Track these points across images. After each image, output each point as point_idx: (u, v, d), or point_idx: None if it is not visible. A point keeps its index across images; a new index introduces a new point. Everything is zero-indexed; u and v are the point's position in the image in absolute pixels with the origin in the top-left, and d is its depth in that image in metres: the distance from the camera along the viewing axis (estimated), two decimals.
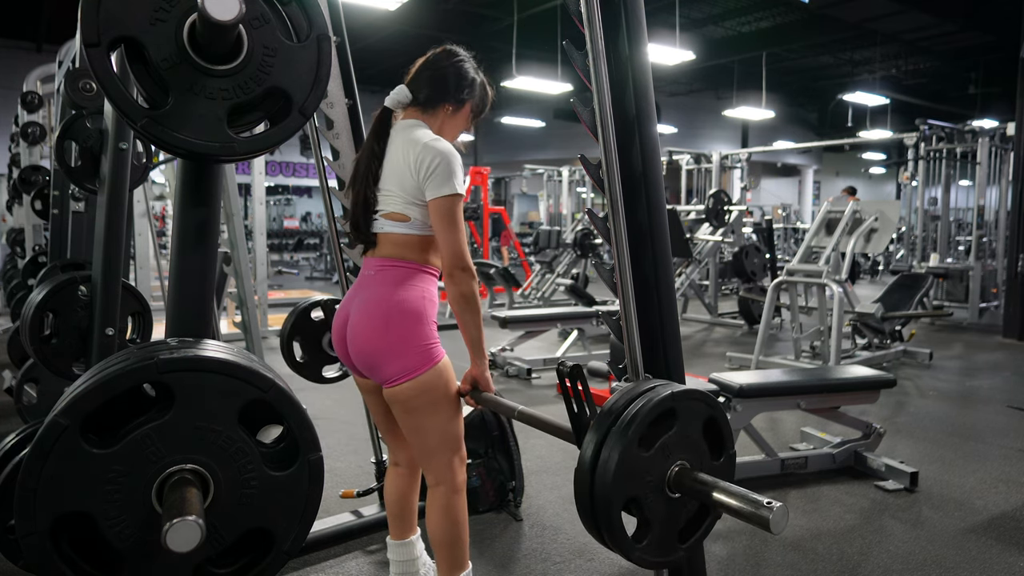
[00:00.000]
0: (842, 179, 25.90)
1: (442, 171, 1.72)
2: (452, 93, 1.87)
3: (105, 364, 1.13)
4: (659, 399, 1.36)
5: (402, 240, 1.81)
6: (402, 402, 1.77)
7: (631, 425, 1.32)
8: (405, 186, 1.77)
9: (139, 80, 1.16)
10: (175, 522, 0.96)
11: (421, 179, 1.74)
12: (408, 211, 1.79)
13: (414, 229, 1.80)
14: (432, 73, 1.86)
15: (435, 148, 1.74)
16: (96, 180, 2.30)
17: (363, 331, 1.77)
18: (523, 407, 1.68)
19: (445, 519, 1.84)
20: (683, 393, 1.39)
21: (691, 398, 1.40)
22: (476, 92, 1.92)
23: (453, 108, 1.88)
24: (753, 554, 2.56)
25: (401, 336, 1.74)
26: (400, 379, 1.74)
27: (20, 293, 4.26)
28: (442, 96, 1.86)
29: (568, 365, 1.47)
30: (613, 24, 1.61)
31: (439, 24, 13.96)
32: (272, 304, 7.56)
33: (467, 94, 1.89)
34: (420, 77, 1.87)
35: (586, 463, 1.35)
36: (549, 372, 5.47)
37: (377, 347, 1.75)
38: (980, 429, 4.11)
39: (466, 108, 1.91)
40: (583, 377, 1.46)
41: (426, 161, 1.73)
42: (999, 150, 8.49)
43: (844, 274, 5.35)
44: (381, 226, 1.83)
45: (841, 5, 13.03)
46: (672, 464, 1.37)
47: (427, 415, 1.78)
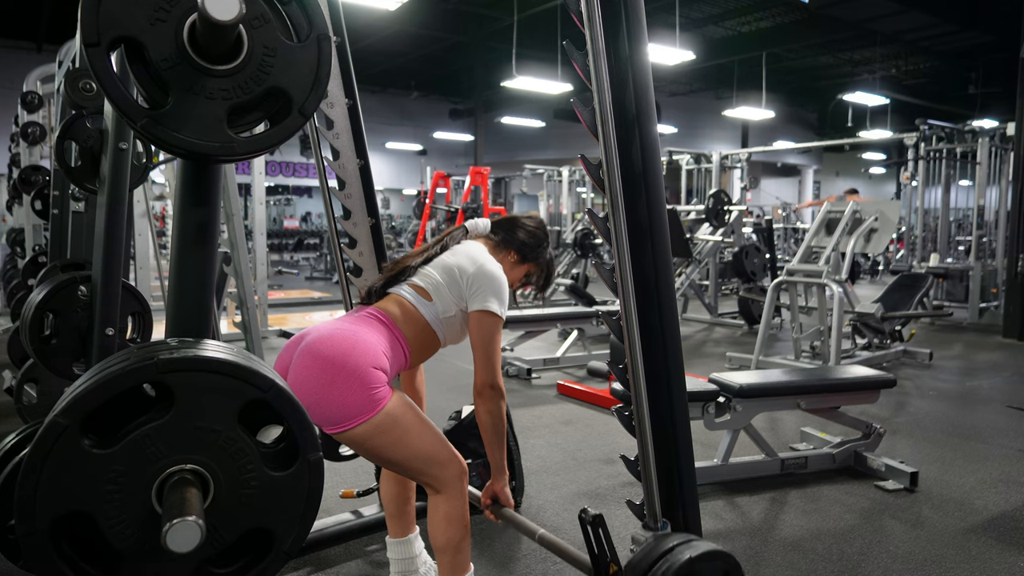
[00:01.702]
0: (842, 179, 25.92)
1: (492, 290, 1.85)
2: (520, 246, 2.07)
3: (105, 364, 1.13)
4: (680, 564, 1.43)
5: (407, 310, 1.84)
6: (360, 444, 1.70)
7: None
8: (450, 280, 1.87)
9: (139, 80, 1.16)
10: (175, 522, 0.96)
11: (470, 290, 1.85)
12: (435, 294, 1.85)
13: (426, 312, 1.84)
14: (513, 225, 2.10)
15: (492, 268, 1.90)
16: (96, 180, 2.30)
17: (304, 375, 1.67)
18: (543, 531, 1.78)
19: (447, 524, 1.83)
20: (702, 556, 1.46)
21: (709, 558, 1.48)
22: (539, 261, 2.11)
23: (517, 258, 2.08)
24: (753, 554, 2.56)
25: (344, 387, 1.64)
26: (347, 424, 1.64)
27: (20, 293, 4.25)
28: (512, 243, 2.07)
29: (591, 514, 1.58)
30: (613, 24, 1.61)
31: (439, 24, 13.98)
32: (272, 304, 7.57)
33: (531, 256, 2.09)
34: (503, 223, 2.11)
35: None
36: (549, 372, 5.47)
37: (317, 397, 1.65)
38: (980, 429, 4.11)
39: (527, 266, 2.10)
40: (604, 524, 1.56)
41: (481, 276, 1.86)
42: (999, 150, 8.49)
43: (844, 274, 5.36)
44: (399, 289, 1.88)
45: (841, 5, 13.04)
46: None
47: (394, 450, 1.72)
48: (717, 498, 3.08)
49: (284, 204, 22.22)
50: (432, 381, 1.93)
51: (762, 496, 3.09)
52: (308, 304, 9.61)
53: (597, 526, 1.54)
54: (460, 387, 4.72)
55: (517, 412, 4.30)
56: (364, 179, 2.56)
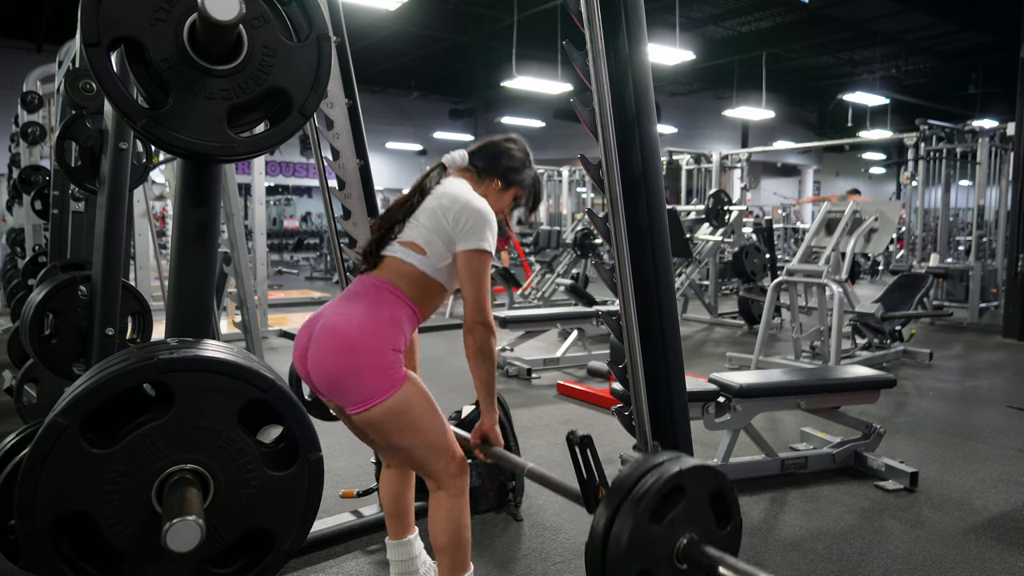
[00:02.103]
0: (842, 179, 25.92)
1: (477, 225, 1.80)
2: (502, 171, 1.99)
3: (105, 364, 1.13)
4: (669, 476, 1.40)
5: (405, 270, 1.82)
6: (375, 426, 1.73)
7: (642, 501, 1.36)
8: (437, 227, 1.83)
9: (139, 80, 1.16)
10: (175, 522, 0.96)
11: (456, 230, 1.80)
12: (427, 246, 1.82)
13: (423, 265, 1.82)
14: (491, 150, 2.01)
15: (475, 203, 1.84)
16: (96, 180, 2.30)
17: (325, 349, 1.72)
18: (533, 465, 1.73)
19: (447, 523, 1.84)
20: (691, 469, 1.43)
21: (699, 473, 1.44)
22: (525, 182, 2.04)
23: (501, 185, 2.00)
24: (753, 554, 2.56)
25: (365, 357, 1.69)
26: (366, 404, 1.68)
27: (20, 293, 4.25)
28: (493, 169, 1.99)
29: (579, 435, 1.53)
30: (613, 24, 1.61)
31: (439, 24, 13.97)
32: (272, 304, 7.57)
33: (515, 177, 2.02)
34: (480, 150, 2.02)
35: (598, 536, 1.38)
36: (549, 372, 5.47)
37: (338, 368, 1.70)
38: (980, 429, 4.11)
39: (512, 191, 2.03)
40: (592, 446, 1.51)
41: (464, 213, 1.81)
42: (999, 150, 8.49)
43: (844, 274, 5.36)
44: (393, 250, 1.85)
45: (841, 5, 13.03)
46: (681, 537, 1.41)
47: (405, 435, 1.75)
48: None
49: (284, 204, 22.22)
50: (432, 381, 1.93)
51: (762, 496, 3.09)
52: (308, 304, 9.60)
53: (585, 447, 1.48)
54: (460, 387, 4.72)
55: (517, 412, 4.30)
56: (364, 179, 2.56)
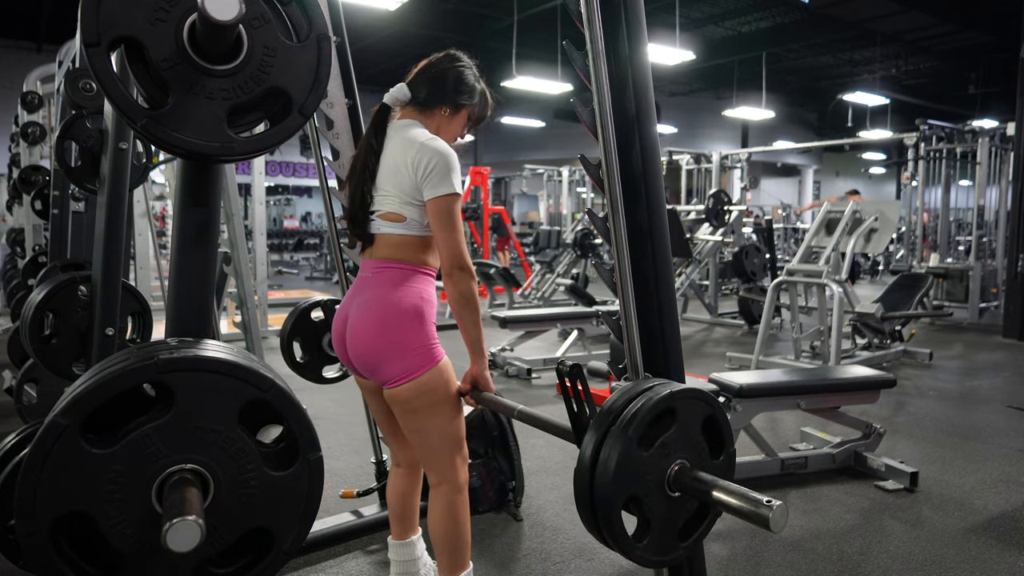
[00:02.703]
0: (842, 179, 25.92)
1: (440, 170, 1.72)
2: (450, 96, 1.87)
3: (105, 364, 1.13)
4: (659, 398, 1.36)
5: (398, 241, 1.81)
6: (403, 402, 1.77)
7: (631, 424, 1.32)
8: (402, 186, 1.76)
9: (139, 80, 1.16)
10: (175, 522, 0.96)
11: (419, 179, 1.73)
12: (404, 211, 1.78)
13: (410, 230, 1.80)
14: (432, 74, 1.87)
15: (432, 147, 1.74)
16: (96, 180, 2.30)
17: (362, 333, 1.78)
18: (522, 407, 1.68)
19: (447, 519, 1.85)
20: (682, 392, 1.39)
21: (690, 397, 1.40)
22: (475, 98, 1.92)
23: (451, 111, 1.89)
24: (753, 554, 2.56)
25: (400, 337, 1.75)
26: (400, 380, 1.74)
27: (20, 293, 4.25)
28: (440, 97, 1.86)
29: (568, 364, 1.48)
30: (613, 24, 1.61)
31: (439, 24, 13.96)
32: (272, 304, 7.56)
33: (465, 99, 1.89)
34: (420, 78, 1.88)
35: (586, 462, 1.35)
36: (549, 372, 5.47)
37: (376, 348, 1.76)
38: (980, 429, 4.11)
39: (463, 113, 1.91)
40: (583, 376, 1.46)
41: (423, 160, 1.72)
42: (999, 150, 8.49)
43: (844, 274, 5.36)
44: (378, 227, 1.83)
45: (841, 5, 13.04)
46: (672, 463, 1.37)
47: (428, 415, 1.79)
48: None
49: (284, 204, 22.23)
50: None
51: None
52: None
53: (575, 377, 1.43)
54: None
55: None
56: None
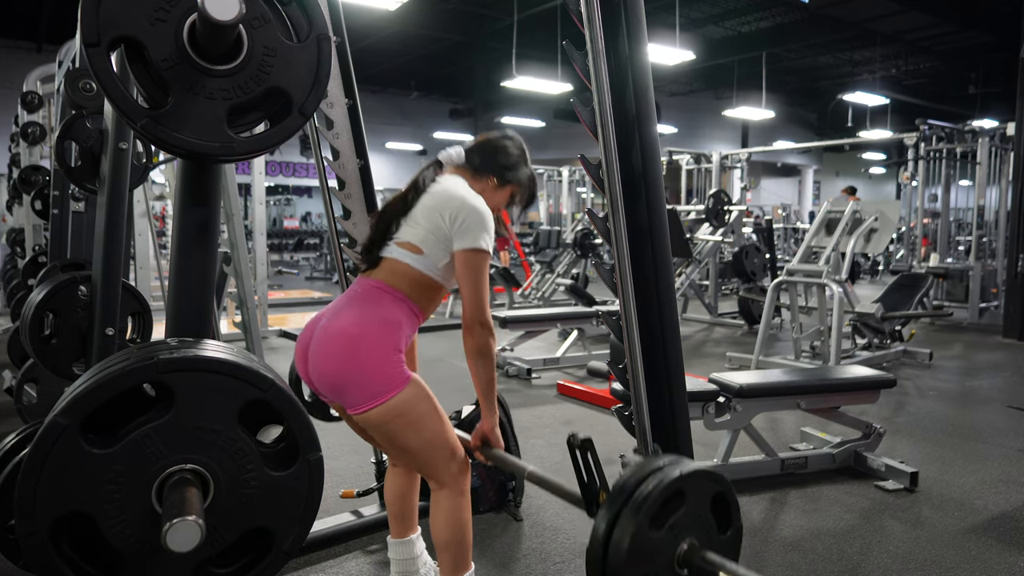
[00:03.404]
0: (842, 179, 25.90)
1: (474, 226, 1.79)
2: (499, 169, 1.98)
3: (105, 364, 1.13)
4: (669, 480, 1.39)
5: (404, 271, 1.82)
6: (377, 426, 1.73)
7: (642, 506, 1.35)
8: (434, 226, 1.82)
9: (139, 80, 1.16)
10: (175, 522, 0.96)
11: (453, 228, 1.80)
12: (426, 246, 1.82)
13: (421, 265, 1.82)
14: (488, 146, 2.01)
15: (472, 203, 1.83)
16: (96, 180, 2.30)
17: (328, 348, 1.73)
18: (533, 468, 1.72)
19: (449, 522, 1.84)
20: (692, 473, 1.42)
21: (700, 477, 1.44)
22: (521, 180, 2.02)
23: (497, 182, 1.99)
24: (753, 554, 2.56)
25: (367, 359, 1.70)
26: (369, 404, 1.68)
27: (20, 293, 4.25)
28: (490, 167, 1.98)
29: (579, 438, 1.52)
30: (613, 24, 1.61)
31: (439, 24, 13.97)
32: (272, 304, 7.57)
33: (511, 176, 2.00)
34: (476, 147, 2.02)
35: (599, 541, 1.37)
36: (549, 372, 5.47)
37: (340, 368, 1.70)
38: (980, 429, 4.11)
39: (508, 189, 2.01)
40: (593, 449, 1.50)
41: (462, 213, 1.80)
42: (999, 150, 8.48)
43: (844, 274, 5.36)
44: (390, 251, 1.85)
45: (841, 5, 13.04)
46: (681, 542, 1.40)
47: (407, 434, 1.75)
48: None
49: (284, 204, 22.21)
50: (432, 381, 1.93)
51: (762, 496, 3.09)
52: (308, 304, 9.60)
53: (586, 451, 1.47)
54: (460, 387, 4.72)
55: (517, 412, 4.30)
56: (364, 179, 2.56)
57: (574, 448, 1.50)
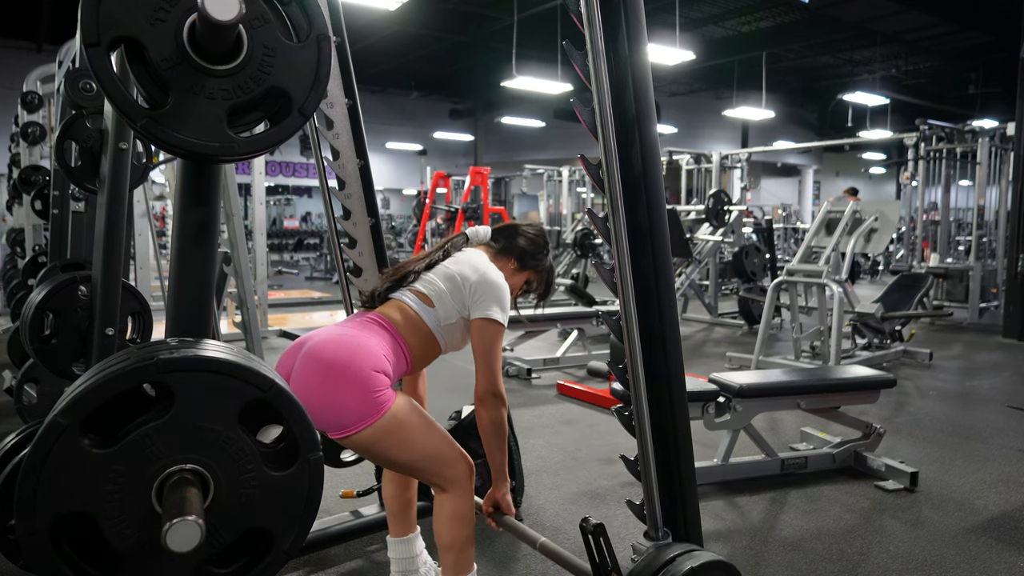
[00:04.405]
0: (842, 179, 25.91)
1: (493, 298, 1.85)
2: (520, 253, 2.07)
3: (105, 364, 1.13)
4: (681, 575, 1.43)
5: (408, 315, 1.84)
6: (366, 449, 1.70)
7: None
8: (452, 288, 1.87)
9: (139, 80, 1.16)
10: (175, 522, 0.96)
11: (473, 298, 1.85)
12: (437, 301, 1.85)
13: (427, 317, 1.84)
14: (513, 232, 2.10)
15: (493, 277, 1.90)
16: (96, 180, 2.30)
17: (308, 375, 1.68)
18: (544, 540, 1.76)
19: (451, 524, 1.83)
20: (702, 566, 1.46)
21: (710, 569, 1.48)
22: (540, 268, 2.12)
23: (517, 266, 2.07)
24: (753, 554, 2.56)
25: (349, 386, 1.65)
26: (352, 429, 1.65)
27: (20, 293, 4.26)
28: (512, 250, 2.07)
29: (592, 523, 1.58)
30: (613, 24, 1.61)
31: (439, 24, 13.98)
32: (272, 304, 7.57)
33: (531, 263, 2.09)
34: (503, 230, 2.12)
35: None
36: (549, 372, 5.47)
37: (322, 395, 1.65)
38: (980, 429, 4.11)
39: (526, 274, 2.10)
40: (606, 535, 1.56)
41: (483, 284, 1.86)
42: (999, 150, 8.49)
43: (844, 274, 5.36)
44: (402, 295, 1.88)
45: (841, 5, 13.04)
46: None
47: (398, 451, 1.72)
48: (717, 498, 3.08)
49: (284, 204, 22.22)
50: (432, 381, 1.93)
51: (762, 496, 3.09)
52: (308, 304, 9.61)
53: (598, 535, 1.56)
54: (460, 387, 4.72)
55: (517, 412, 4.30)
56: (364, 179, 2.56)
57: (587, 533, 1.55)
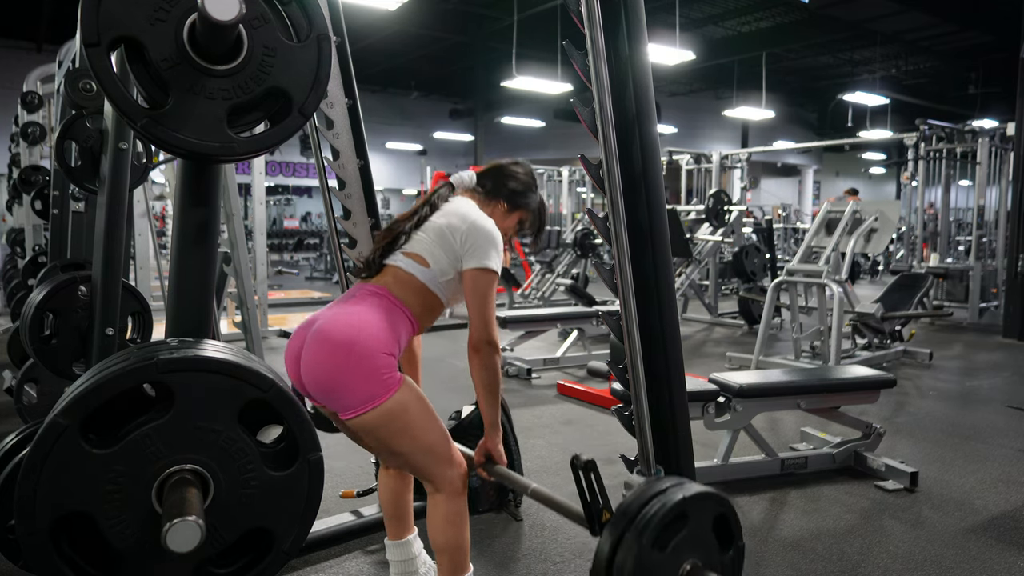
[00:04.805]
0: (842, 179, 25.91)
1: (484, 246, 1.82)
2: (509, 194, 2.01)
3: (105, 364, 1.13)
4: (672, 504, 1.40)
5: (406, 280, 1.83)
6: (369, 431, 1.71)
7: (645, 529, 1.37)
8: (443, 242, 1.84)
9: (139, 80, 1.16)
10: (175, 522, 0.96)
11: (463, 248, 1.82)
12: (432, 259, 1.83)
13: (424, 278, 1.83)
14: (499, 172, 2.03)
15: (483, 224, 1.86)
16: (96, 180, 2.30)
17: (318, 354, 1.69)
18: (536, 485, 1.73)
19: (446, 524, 1.83)
20: (695, 496, 1.44)
21: (702, 499, 1.45)
22: (530, 206, 2.06)
23: (507, 208, 2.02)
24: (753, 554, 2.56)
25: (359, 364, 1.66)
26: (361, 409, 1.66)
27: (20, 293, 4.26)
28: (500, 192, 2.01)
29: (583, 459, 1.54)
30: (613, 24, 1.61)
31: (439, 24, 13.98)
32: (272, 304, 7.57)
33: (521, 201, 2.03)
34: (488, 172, 2.05)
35: (602, 564, 1.39)
36: (549, 372, 5.47)
37: (332, 373, 1.67)
38: (980, 429, 4.11)
39: (517, 214, 2.04)
40: (596, 470, 1.52)
41: (472, 233, 1.83)
42: (999, 150, 8.49)
43: (844, 274, 5.36)
44: (396, 260, 1.86)
45: (841, 5, 13.04)
46: (684, 562, 1.41)
47: (401, 439, 1.73)
48: None
49: (284, 204, 22.22)
50: (432, 380, 1.93)
51: (762, 496, 3.09)
52: (308, 304, 9.60)
53: (589, 472, 1.50)
54: (460, 387, 4.72)
55: (517, 412, 4.30)
56: (364, 179, 2.56)
57: (577, 469, 1.52)
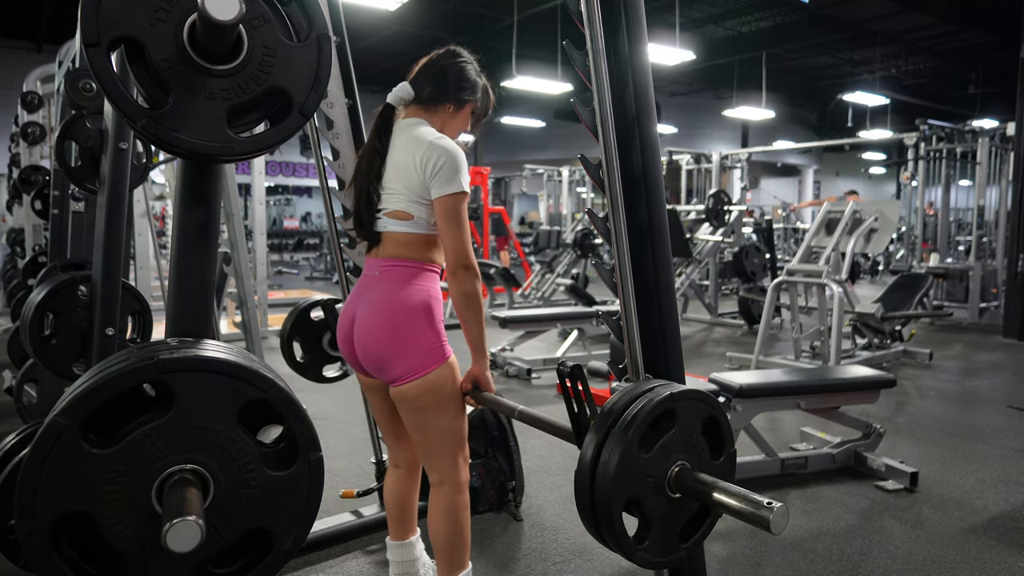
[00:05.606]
0: (842, 179, 25.92)
1: (448, 169, 1.73)
2: (453, 92, 1.87)
3: (105, 364, 1.13)
4: (659, 400, 1.35)
5: (405, 239, 1.81)
6: (409, 400, 1.78)
7: (631, 426, 1.32)
8: (409, 184, 1.77)
9: (139, 80, 1.16)
10: (175, 522, 0.96)
11: (427, 177, 1.74)
12: (412, 209, 1.79)
13: (417, 228, 1.80)
14: (434, 72, 1.87)
15: (440, 146, 1.75)
16: (96, 180, 2.30)
17: (370, 332, 1.78)
18: (522, 407, 1.68)
19: (447, 519, 1.84)
20: (683, 393, 1.39)
21: (691, 398, 1.40)
22: (478, 94, 1.93)
23: (454, 107, 1.89)
24: (753, 554, 2.56)
25: (408, 336, 1.75)
26: (408, 378, 1.75)
27: (20, 293, 4.25)
28: (443, 95, 1.87)
29: (568, 365, 1.47)
30: (613, 24, 1.61)
31: (439, 24, 13.96)
32: (272, 304, 7.56)
33: (468, 95, 1.90)
34: (423, 75, 1.87)
35: (586, 464, 1.35)
36: (549, 372, 5.47)
37: (385, 348, 1.76)
38: (980, 429, 4.11)
39: (466, 109, 1.92)
40: (583, 377, 1.45)
41: (432, 159, 1.73)
42: (999, 150, 8.49)
43: (844, 274, 5.36)
44: (384, 225, 1.83)
45: (841, 5, 13.03)
46: (672, 464, 1.37)
47: (433, 414, 1.79)
48: None
49: (284, 204, 22.23)
50: None
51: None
52: None
53: (576, 378, 1.43)
54: None
55: None
56: None
57: (564, 376, 1.46)
